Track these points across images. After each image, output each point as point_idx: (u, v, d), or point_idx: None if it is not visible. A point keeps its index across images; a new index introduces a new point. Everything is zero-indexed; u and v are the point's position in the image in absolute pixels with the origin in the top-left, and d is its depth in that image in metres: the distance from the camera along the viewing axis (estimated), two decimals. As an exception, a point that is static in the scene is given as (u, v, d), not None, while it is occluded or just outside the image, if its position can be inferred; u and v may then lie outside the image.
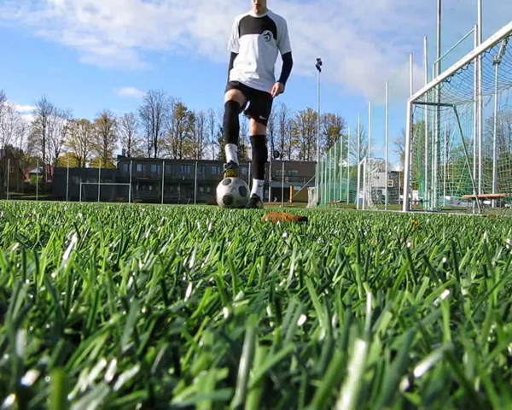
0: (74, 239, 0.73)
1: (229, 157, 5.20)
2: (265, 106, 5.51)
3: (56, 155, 60.76)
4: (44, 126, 59.32)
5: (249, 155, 63.56)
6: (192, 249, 0.71)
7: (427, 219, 2.78)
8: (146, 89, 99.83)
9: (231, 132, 5.17)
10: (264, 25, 5.18)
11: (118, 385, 0.25)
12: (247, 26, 5.18)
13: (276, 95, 5.36)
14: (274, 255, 0.78)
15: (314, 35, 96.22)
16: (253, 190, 5.44)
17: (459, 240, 1.08)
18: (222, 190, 5.07)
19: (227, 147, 5.24)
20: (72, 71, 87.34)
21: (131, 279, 0.47)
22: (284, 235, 1.14)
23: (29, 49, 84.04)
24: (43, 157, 59.21)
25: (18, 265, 0.55)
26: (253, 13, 5.12)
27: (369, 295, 0.39)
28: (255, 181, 5.55)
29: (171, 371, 0.28)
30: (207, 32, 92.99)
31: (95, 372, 0.26)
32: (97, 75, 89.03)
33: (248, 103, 5.41)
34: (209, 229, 1.33)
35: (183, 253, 0.79)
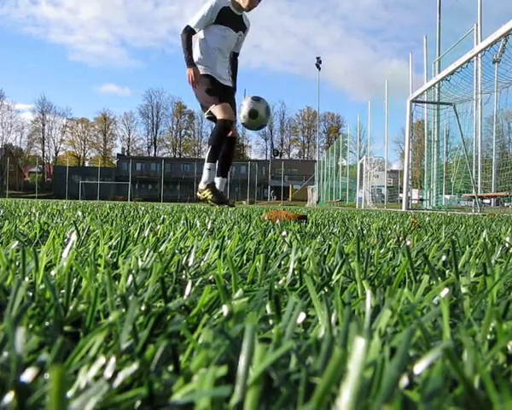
0: (74, 237, 0.73)
1: (210, 178, 4.93)
2: (235, 103, 5.40)
3: (56, 153, 60.73)
4: (44, 125, 59.28)
5: (248, 153, 63.51)
6: (191, 247, 0.71)
7: (427, 218, 2.78)
8: (142, 88, 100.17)
9: (219, 152, 5.03)
10: (240, 24, 5.17)
11: (117, 382, 0.25)
12: (227, 17, 5.06)
13: None
14: (273, 253, 0.78)
15: (304, 32, 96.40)
16: (219, 188, 5.30)
17: (459, 238, 1.08)
18: (246, 104, 4.73)
19: (212, 166, 4.93)
20: (65, 69, 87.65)
21: (131, 277, 0.47)
22: (284, 233, 1.14)
23: (20, 45, 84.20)
24: (43, 156, 59.18)
25: (17, 263, 0.55)
26: (232, 6, 5.02)
27: (368, 292, 0.39)
28: (221, 179, 5.32)
29: (171, 368, 0.27)
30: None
31: (94, 369, 0.26)
32: (88, 73, 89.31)
33: None
34: (208, 227, 1.33)
35: (183, 251, 0.79)
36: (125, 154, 55.88)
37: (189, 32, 4.99)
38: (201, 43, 5.14)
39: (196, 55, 5.16)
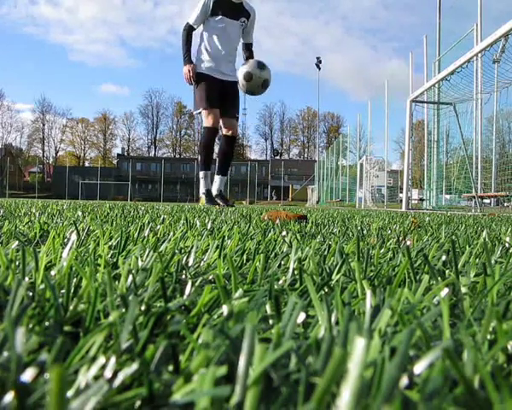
0: (74, 237, 0.73)
1: (205, 185, 4.90)
2: (238, 100, 5.30)
3: (56, 153, 60.74)
4: (44, 125, 59.27)
5: (248, 153, 63.47)
6: (191, 247, 0.71)
7: (427, 218, 2.78)
8: (141, 88, 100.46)
9: (210, 159, 4.99)
10: (240, 12, 5.08)
11: (117, 382, 0.25)
12: (224, 7, 4.98)
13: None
14: (273, 253, 0.78)
15: (304, 32, 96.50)
16: (218, 187, 5.16)
17: (458, 238, 1.08)
18: (239, 73, 4.64)
19: (203, 174, 4.91)
20: (64, 68, 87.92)
21: (131, 277, 0.47)
22: (284, 233, 1.14)
23: (20, 45, 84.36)
24: (43, 156, 59.17)
25: (17, 262, 0.55)
26: None
27: (368, 292, 0.39)
28: (221, 177, 5.20)
29: (171, 368, 0.27)
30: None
31: (94, 369, 0.26)
32: (88, 73, 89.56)
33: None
34: (208, 227, 1.33)
35: (183, 251, 0.79)
36: (125, 154, 55.85)
37: (188, 29, 4.97)
38: (201, 38, 5.11)
39: (196, 51, 5.12)
